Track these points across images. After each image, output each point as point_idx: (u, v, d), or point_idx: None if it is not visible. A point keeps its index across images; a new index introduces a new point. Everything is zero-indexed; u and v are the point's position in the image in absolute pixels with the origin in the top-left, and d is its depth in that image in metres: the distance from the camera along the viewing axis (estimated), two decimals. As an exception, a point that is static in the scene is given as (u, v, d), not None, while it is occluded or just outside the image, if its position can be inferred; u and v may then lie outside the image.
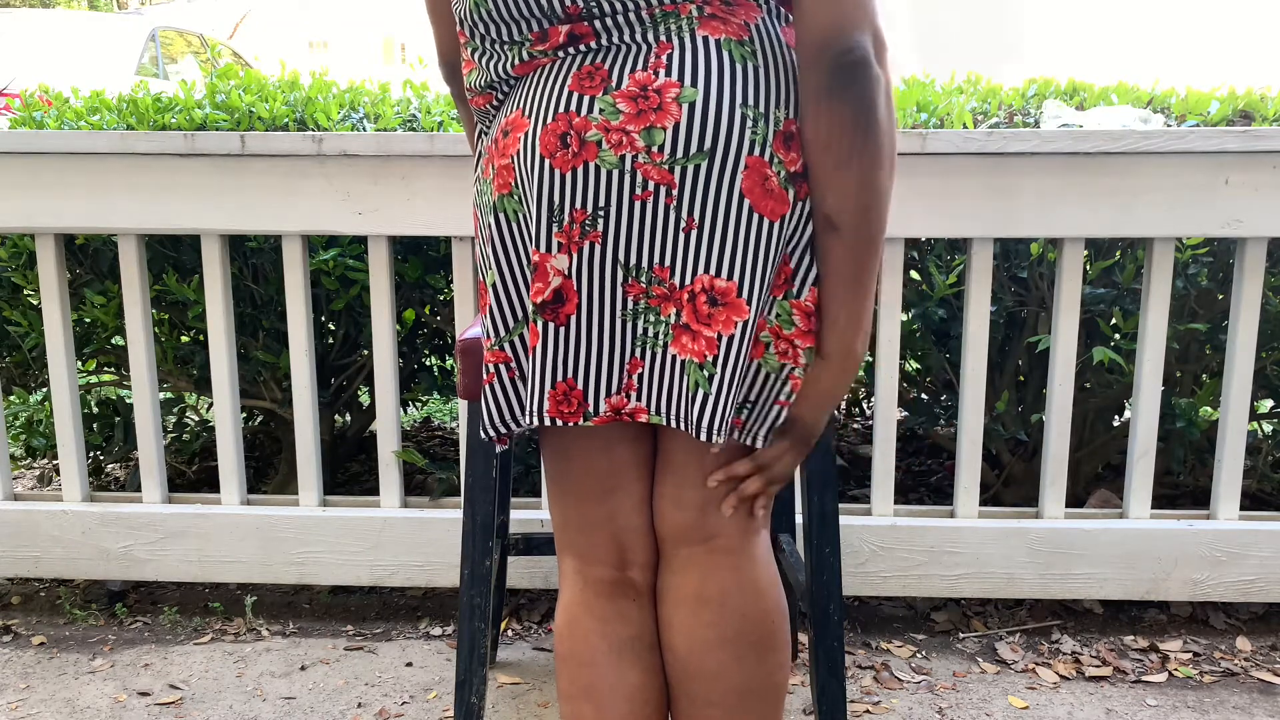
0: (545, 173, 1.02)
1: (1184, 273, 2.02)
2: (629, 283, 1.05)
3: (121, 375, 2.41)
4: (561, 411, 1.07)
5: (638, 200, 1.02)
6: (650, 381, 1.07)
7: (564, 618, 1.17)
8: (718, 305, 1.03)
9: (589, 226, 1.03)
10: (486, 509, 1.45)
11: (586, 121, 1.01)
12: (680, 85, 1.00)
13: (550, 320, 1.06)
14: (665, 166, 1.01)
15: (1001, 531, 1.91)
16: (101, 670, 1.86)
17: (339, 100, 2.13)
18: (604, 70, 1.02)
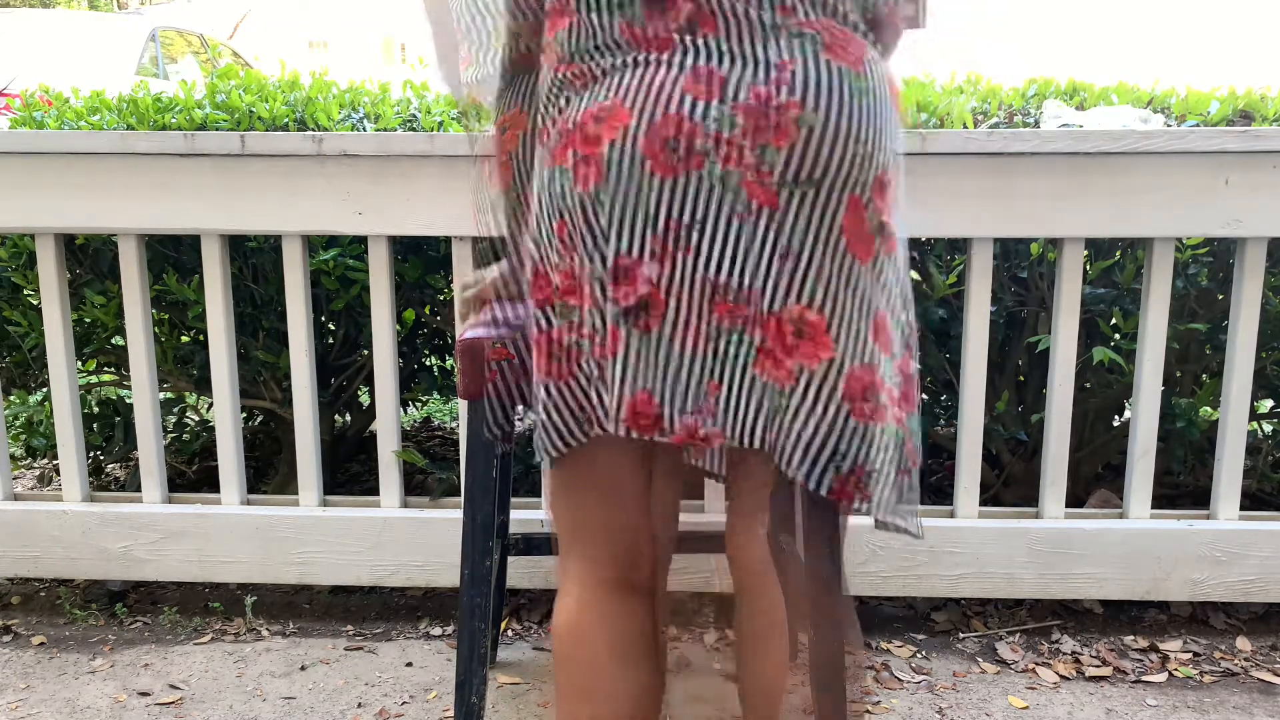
0: (645, 175, 0.98)
1: (1184, 273, 2.02)
2: (717, 301, 1.00)
3: (121, 375, 2.41)
4: (639, 423, 1.03)
5: (738, 218, 0.98)
6: (728, 405, 1.02)
7: (565, 619, 1.15)
8: (803, 337, 1.00)
9: (685, 238, 0.98)
10: (486, 509, 1.45)
11: (697, 128, 0.96)
12: (802, 107, 0.97)
13: (635, 327, 1.01)
14: (773, 188, 0.97)
15: (1001, 531, 1.91)
16: (101, 670, 1.86)
17: (339, 100, 2.13)
18: (721, 76, 0.97)
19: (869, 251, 1.01)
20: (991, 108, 2.12)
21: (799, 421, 1.01)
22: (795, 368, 1.00)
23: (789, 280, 1.00)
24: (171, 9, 12.84)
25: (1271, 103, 2.07)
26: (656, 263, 0.99)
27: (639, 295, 1.00)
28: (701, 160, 0.96)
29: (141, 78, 6.32)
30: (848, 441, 1.02)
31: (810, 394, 1.00)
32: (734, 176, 0.97)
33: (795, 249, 0.99)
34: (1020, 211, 1.80)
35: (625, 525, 1.14)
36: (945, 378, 2.23)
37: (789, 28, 0.99)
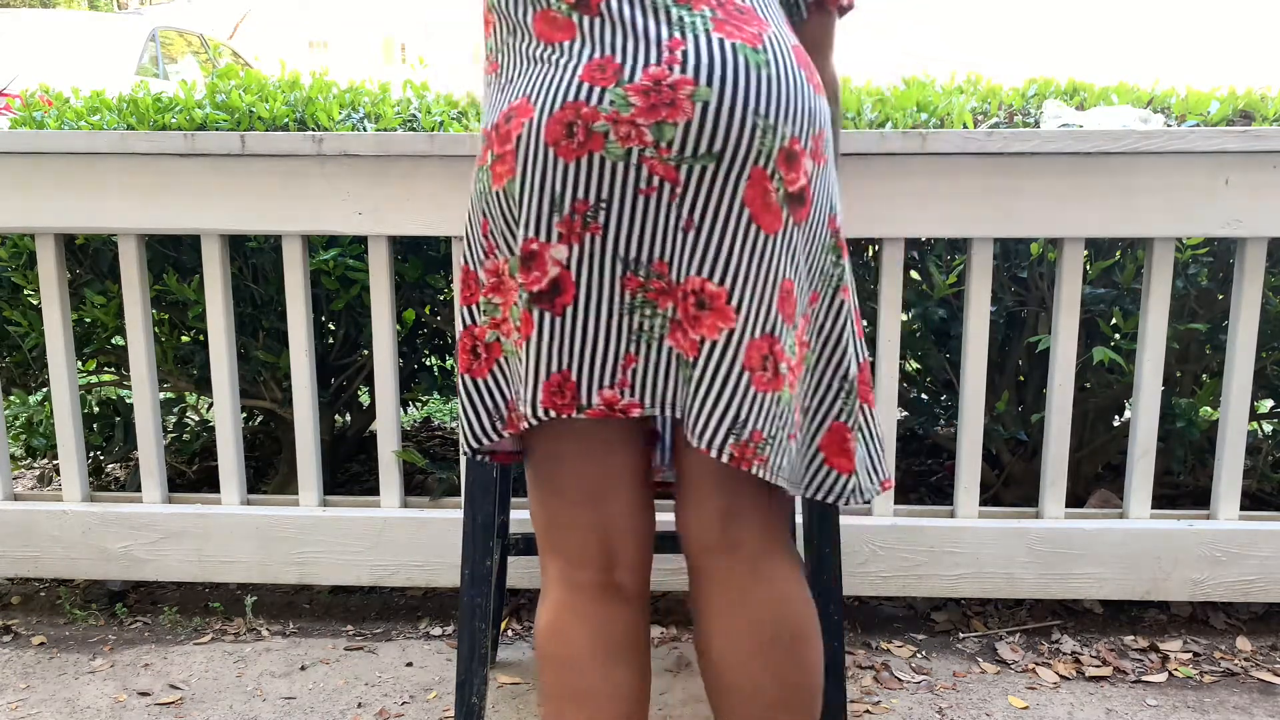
0: (549, 161, 1.01)
1: (1184, 273, 2.02)
2: (627, 276, 1.04)
3: (121, 375, 2.41)
4: (555, 403, 1.06)
5: (641, 194, 1.01)
6: (645, 375, 1.07)
7: (548, 620, 1.16)
8: (705, 309, 1.03)
9: (590, 218, 1.02)
10: (487, 509, 1.45)
11: (595, 112, 1.00)
12: (695, 83, 1.00)
13: (546, 310, 1.05)
14: (672, 163, 1.00)
15: (1001, 531, 1.91)
16: (101, 670, 1.86)
17: (339, 100, 2.13)
18: (616, 63, 1.01)
19: (776, 222, 1.04)
20: (991, 108, 2.12)
21: (702, 390, 1.04)
22: (698, 338, 1.04)
23: (691, 252, 1.03)
24: (171, 9, 12.84)
25: (1271, 103, 2.07)
26: (564, 245, 1.03)
27: (549, 278, 1.04)
28: (601, 141, 1.00)
29: (141, 78, 6.32)
30: (748, 410, 1.04)
31: (712, 364, 1.04)
32: (634, 154, 1.00)
33: (696, 222, 1.02)
34: (1020, 211, 1.80)
35: (595, 525, 1.14)
36: (945, 378, 2.23)
37: (680, 7, 1.02)
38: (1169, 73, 2.82)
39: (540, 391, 1.06)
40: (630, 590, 1.16)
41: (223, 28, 13.55)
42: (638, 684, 1.16)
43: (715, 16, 1.03)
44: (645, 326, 1.06)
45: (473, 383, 1.16)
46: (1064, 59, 12.59)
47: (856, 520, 1.93)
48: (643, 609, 1.18)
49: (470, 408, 1.16)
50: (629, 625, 1.16)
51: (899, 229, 1.82)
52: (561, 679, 1.15)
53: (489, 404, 1.15)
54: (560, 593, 1.16)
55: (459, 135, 1.81)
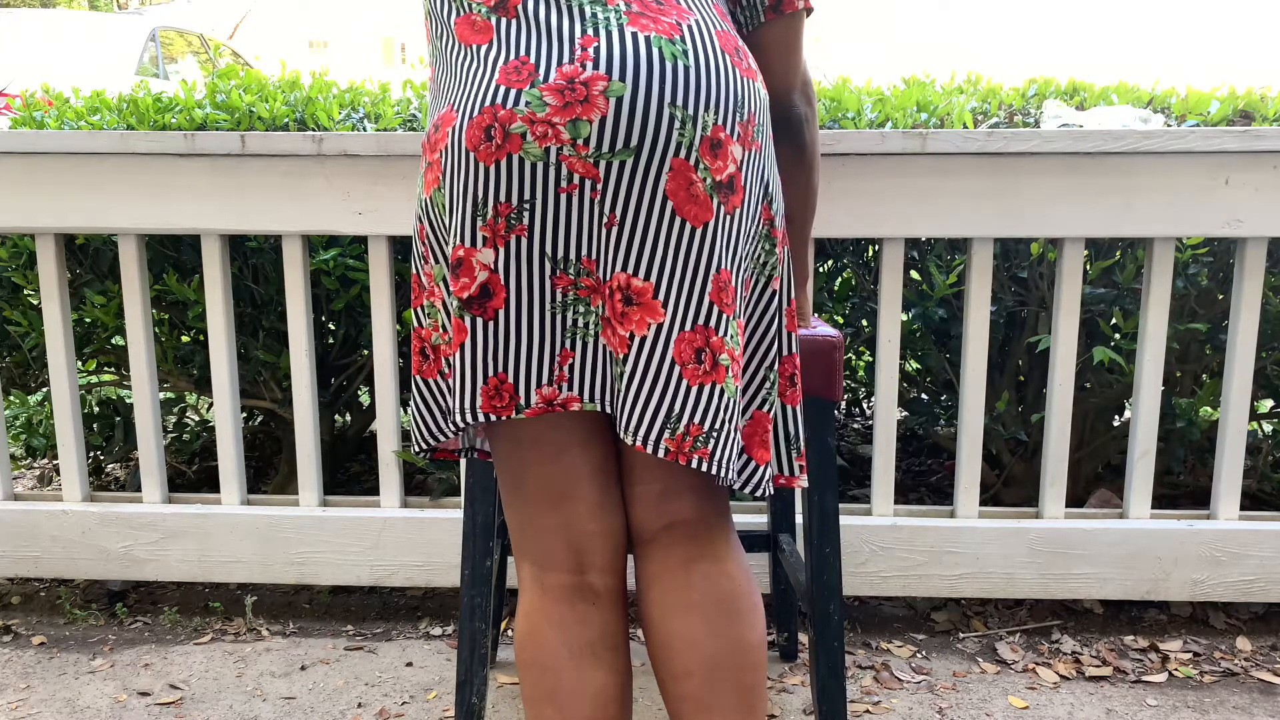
0: (470, 166, 1.02)
1: (1184, 273, 2.02)
2: (557, 275, 1.04)
3: (121, 375, 2.41)
4: (494, 406, 1.06)
5: (563, 193, 1.01)
6: (582, 370, 1.07)
7: (524, 624, 1.16)
8: (632, 304, 1.03)
9: (514, 220, 1.02)
10: (487, 509, 1.45)
11: (512, 114, 1.00)
12: (608, 79, 1.00)
13: (478, 315, 1.04)
14: (590, 160, 1.00)
15: (1001, 531, 1.91)
16: (101, 670, 1.86)
17: (339, 100, 2.13)
18: (530, 64, 1.01)
19: (705, 213, 1.03)
20: (991, 108, 2.12)
21: (634, 386, 1.04)
22: (626, 334, 1.04)
23: (615, 249, 1.03)
24: (171, 9, 12.84)
25: (1271, 103, 2.07)
26: (490, 248, 1.03)
27: (478, 283, 1.04)
28: (519, 142, 1.00)
29: (141, 78, 6.32)
30: (681, 403, 1.04)
31: (642, 360, 1.04)
32: (552, 153, 1.00)
33: (619, 217, 1.02)
34: (1020, 211, 1.80)
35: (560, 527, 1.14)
36: (945, 378, 2.23)
37: (594, 4, 1.03)
38: (1169, 73, 2.82)
39: (479, 396, 1.06)
40: (603, 591, 1.16)
41: (223, 28, 13.55)
42: (615, 684, 1.15)
43: (630, 10, 1.02)
44: (580, 324, 1.06)
45: (423, 383, 1.17)
46: (1064, 59, 12.59)
47: (856, 520, 1.93)
48: (617, 609, 1.17)
49: (421, 407, 1.17)
50: (603, 626, 1.15)
51: (899, 229, 1.82)
52: (538, 682, 1.15)
53: (440, 404, 1.16)
54: (533, 596, 1.16)
55: (459, 135, 1.81)
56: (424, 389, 1.17)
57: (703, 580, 1.14)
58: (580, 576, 1.15)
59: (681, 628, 1.13)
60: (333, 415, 2.46)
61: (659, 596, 1.15)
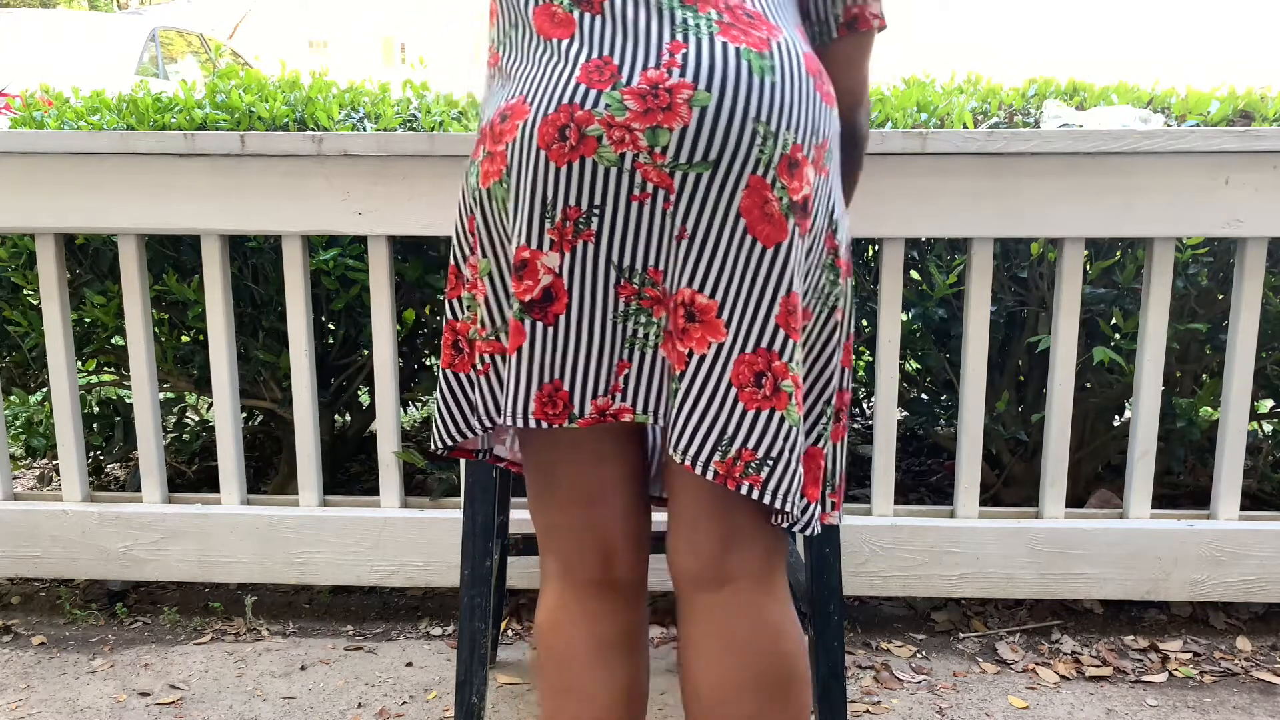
0: (540, 165, 0.99)
1: (1184, 273, 2.02)
2: (621, 284, 1.02)
3: (121, 375, 2.41)
4: (547, 414, 1.04)
5: (634, 201, 0.99)
6: (638, 382, 1.04)
7: (546, 618, 1.16)
8: (694, 321, 1.01)
9: (583, 225, 1.00)
10: (487, 509, 1.45)
11: (590, 115, 0.97)
12: (694, 87, 0.97)
13: (538, 319, 1.02)
14: (666, 170, 0.98)
15: (1001, 531, 1.91)
16: (101, 670, 1.86)
17: (339, 100, 2.13)
18: (614, 65, 0.98)
19: (779, 233, 1.00)
20: (991, 108, 2.12)
21: (687, 404, 1.01)
22: (685, 351, 1.01)
23: (683, 263, 1.00)
24: (171, 9, 12.83)
25: (1271, 103, 2.07)
26: (556, 252, 1.00)
27: (541, 286, 1.01)
28: (594, 145, 0.98)
29: (141, 78, 6.32)
30: (735, 426, 1.01)
31: (699, 378, 1.01)
32: (627, 159, 0.98)
33: (689, 231, 0.99)
34: (1020, 211, 1.80)
35: (591, 527, 1.14)
36: (945, 378, 2.23)
37: (685, 8, 1.00)
38: (1169, 73, 2.82)
39: (531, 401, 1.04)
40: (627, 588, 1.16)
41: (223, 28, 13.55)
42: (635, 681, 1.15)
43: (721, 20, 1.00)
44: (639, 334, 1.03)
45: (453, 377, 1.14)
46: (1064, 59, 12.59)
47: (856, 520, 1.93)
48: (640, 607, 1.17)
49: (449, 403, 1.14)
50: (626, 623, 1.15)
51: (899, 229, 1.82)
52: (559, 675, 1.14)
53: (467, 400, 1.13)
54: (558, 589, 1.16)
55: (459, 135, 1.81)
56: (453, 383, 1.14)
57: (760, 658, 1.07)
58: (607, 573, 1.15)
59: (737, 710, 1.08)
60: (333, 415, 2.45)
61: (712, 672, 1.08)
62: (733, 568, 1.08)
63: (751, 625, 1.08)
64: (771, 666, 1.08)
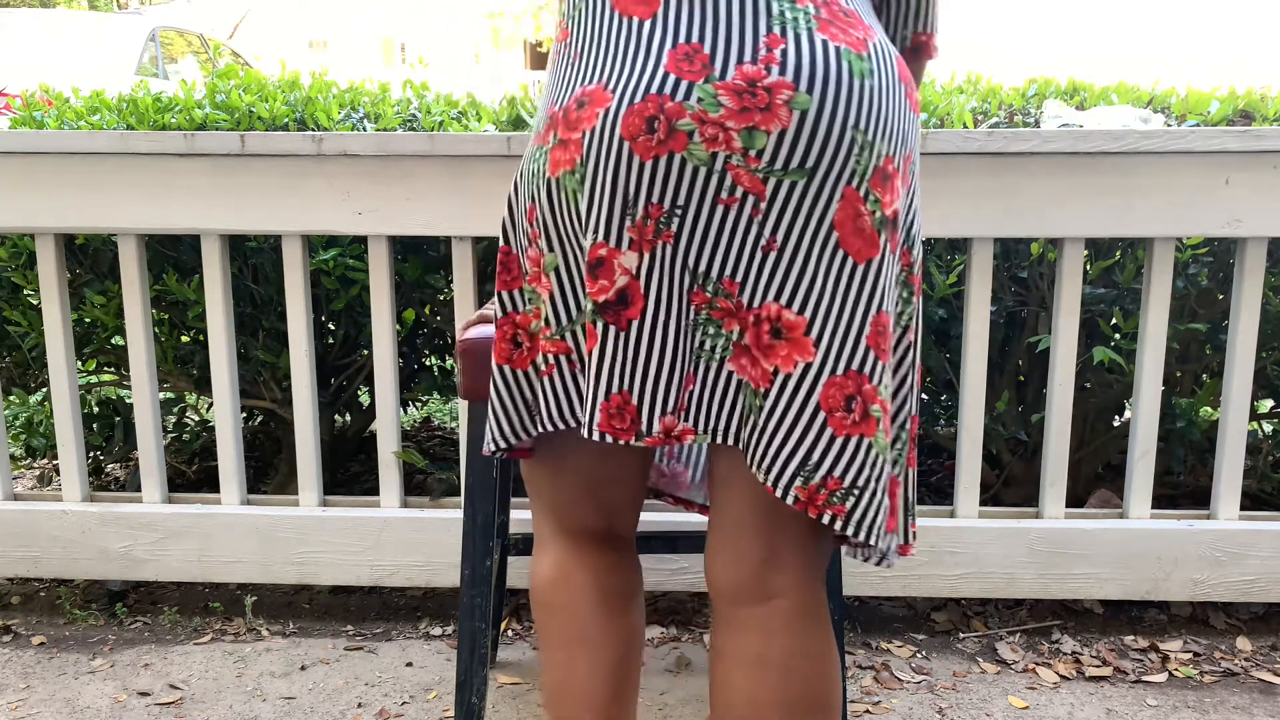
0: (624, 158, 0.92)
1: (1184, 273, 2.02)
2: (694, 290, 0.95)
3: (121, 375, 2.41)
4: (614, 427, 0.97)
5: (721, 204, 0.92)
6: (700, 398, 0.98)
7: (552, 571, 1.15)
8: (781, 338, 0.94)
9: (664, 224, 0.93)
10: (487, 509, 1.45)
11: (681, 108, 0.90)
12: (795, 88, 0.91)
13: (612, 323, 0.96)
14: (759, 175, 0.92)
15: (1001, 531, 1.91)
16: (101, 670, 1.86)
17: (339, 100, 2.13)
18: (705, 54, 0.92)
19: (871, 248, 0.94)
20: (991, 108, 2.12)
21: (771, 425, 0.95)
22: (771, 369, 0.95)
23: (770, 275, 0.94)
24: (171, 9, 12.84)
25: (1271, 103, 2.07)
26: (635, 251, 0.94)
27: (616, 287, 0.95)
28: (684, 140, 0.91)
29: (141, 78, 6.32)
30: (821, 452, 0.95)
31: (784, 399, 0.94)
32: (719, 159, 0.91)
33: (779, 242, 0.93)
34: (1020, 211, 1.80)
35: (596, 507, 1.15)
36: (945, 378, 2.23)
37: (781, 0, 0.94)
38: (1169, 73, 2.82)
39: (598, 412, 0.97)
40: (624, 543, 1.18)
41: (223, 28, 13.55)
42: (639, 630, 1.17)
43: (819, 15, 0.93)
44: (706, 346, 0.97)
45: (511, 374, 1.07)
46: (1064, 59, 12.59)
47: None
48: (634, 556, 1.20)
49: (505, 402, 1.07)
50: (629, 572, 1.17)
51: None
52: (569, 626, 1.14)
53: (526, 398, 1.07)
54: (560, 545, 1.16)
55: (459, 135, 1.81)
56: (510, 381, 1.07)
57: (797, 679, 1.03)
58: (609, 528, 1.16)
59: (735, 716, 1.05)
60: (333, 415, 2.45)
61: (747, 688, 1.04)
62: (776, 585, 1.04)
63: (790, 645, 1.04)
64: (808, 689, 1.04)
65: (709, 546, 1.08)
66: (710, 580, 1.08)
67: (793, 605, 1.04)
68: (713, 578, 1.08)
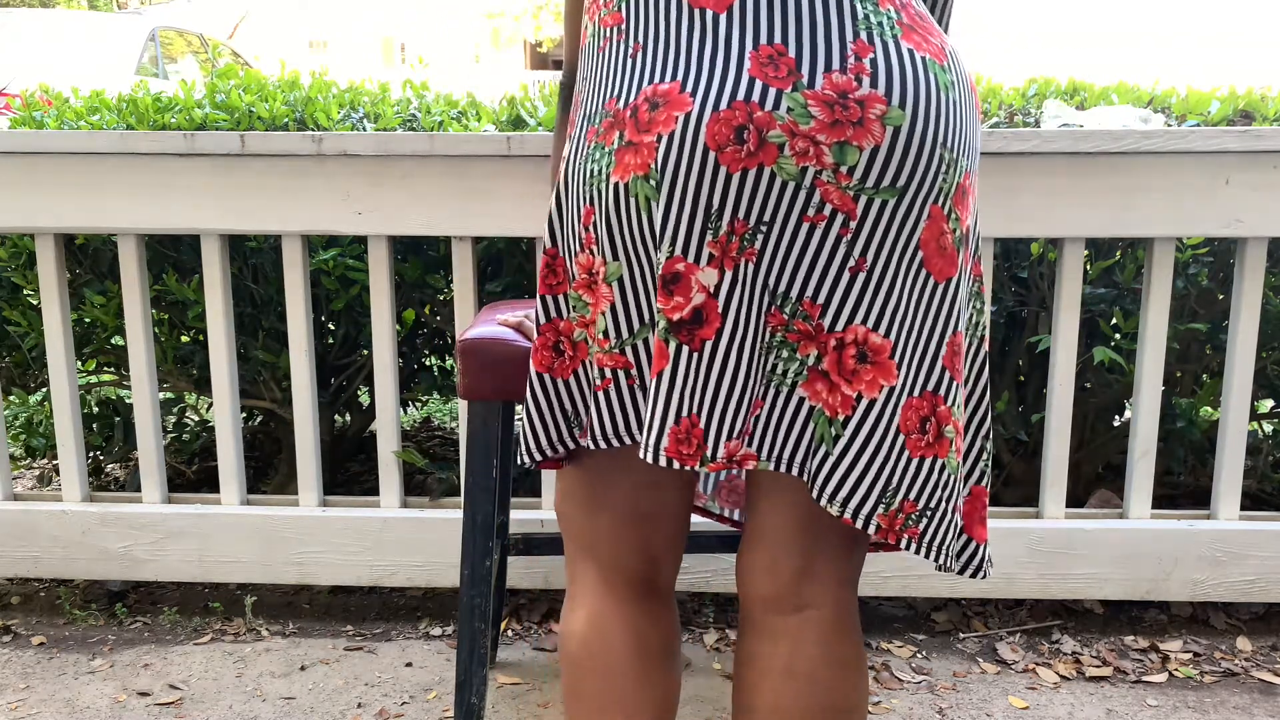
0: (709, 169, 0.87)
1: (1184, 273, 2.02)
2: (771, 311, 0.91)
3: (121, 375, 2.41)
4: (681, 453, 0.92)
5: (807, 222, 0.88)
6: (768, 425, 0.94)
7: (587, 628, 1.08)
8: (866, 362, 0.90)
9: (748, 241, 0.89)
10: (486, 509, 1.45)
11: (770, 119, 0.86)
12: (888, 103, 0.87)
13: (685, 343, 0.90)
14: (850, 192, 0.87)
15: (1001, 531, 1.91)
16: (101, 670, 1.86)
17: (339, 100, 2.13)
18: (790, 58, 0.87)
19: (950, 267, 0.92)
20: (991, 108, 2.12)
21: (850, 454, 0.92)
22: (853, 395, 0.91)
23: (858, 297, 0.90)
24: (171, 9, 12.84)
25: (1272, 103, 2.07)
26: (715, 269, 0.89)
27: (692, 305, 0.90)
28: (774, 154, 0.86)
29: (141, 78, 6.32)
30: (899, 476, 0.92)
31: (866, 425, 0.91)
32: (809, 174, 0.87)
33: (869, 263, 0.89)
34: (1020, 211, 1.80)
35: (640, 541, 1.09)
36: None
37: (864, 2, 0.89)
38: (1169, 73, 2.82)
39: (665, 436, 0.92)
40: (666, 590, 1.12)
41: (223, 28, 13.55)
42: (676, 688, 1.11)
43: (901, 20, 0.90)
44: (779, 370, 0.92)
45: (551, 382, 1.03)
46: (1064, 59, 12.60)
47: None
48: (674, 607, 1.13)
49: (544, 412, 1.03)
50: (669, 625, 1.11)
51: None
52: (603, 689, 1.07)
53: (566, 409, 1.03)
54: (598, 597, 1.09)
55: (459, 135, 1.81)
56: (549, 390, 1.03)
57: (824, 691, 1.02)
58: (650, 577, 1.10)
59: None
60: (333, 415, 2.45)
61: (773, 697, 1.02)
62: (810, 596, 1.03)
63: (819, 656, 1.02)
64: (833, 698, 1.03)
65: (743, 554, 1.06)
66: (743, 587, 1.06)
67: (825, 616, 1.03)
68: (747, 585, 1.06)
